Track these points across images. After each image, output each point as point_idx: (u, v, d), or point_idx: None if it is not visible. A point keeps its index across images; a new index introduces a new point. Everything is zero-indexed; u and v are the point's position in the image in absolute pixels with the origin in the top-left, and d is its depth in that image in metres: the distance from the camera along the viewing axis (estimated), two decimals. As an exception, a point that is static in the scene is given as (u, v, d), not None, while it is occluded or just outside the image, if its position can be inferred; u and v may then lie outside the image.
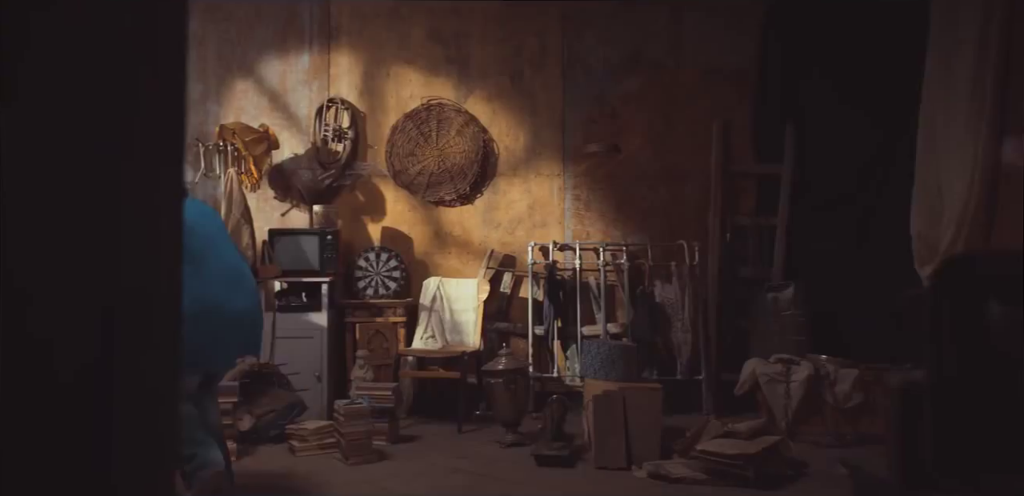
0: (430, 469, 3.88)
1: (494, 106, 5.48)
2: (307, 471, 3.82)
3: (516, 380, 4.37)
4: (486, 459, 4.06)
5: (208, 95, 5.45)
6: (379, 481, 3.65)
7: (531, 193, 5.47)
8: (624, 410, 4.03)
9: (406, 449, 4.29)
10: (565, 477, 3.76)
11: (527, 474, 3.79)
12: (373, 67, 5.50)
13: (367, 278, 5.28)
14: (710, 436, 3.87)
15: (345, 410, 4.05)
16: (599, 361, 4.36)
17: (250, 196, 5.32)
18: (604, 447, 3.96)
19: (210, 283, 3.15)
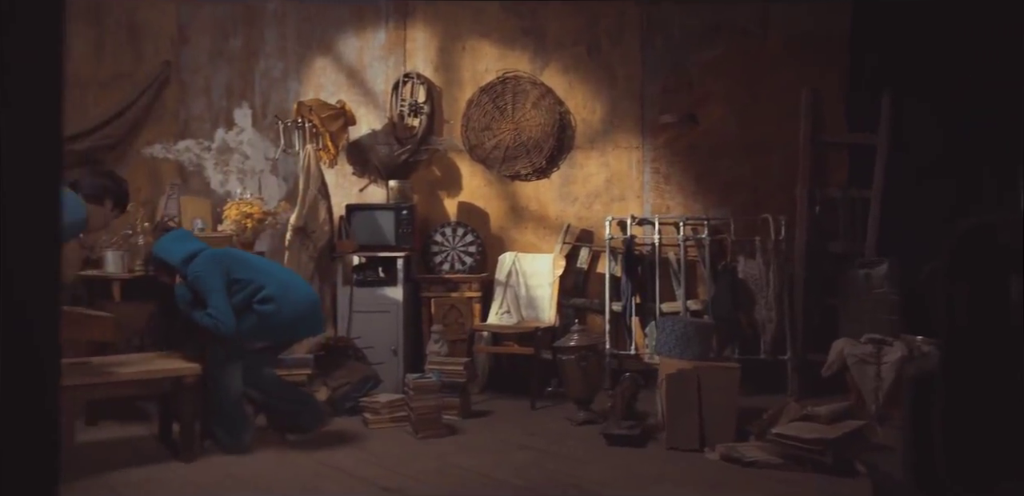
0: (498, 445, 3.87)
1: (570, 78, 5.35)
2: (376, 444, 3.86)
3: (588, 357, 4.30)
4: (555, 436, 4.02)
5: (288, 73, 5.53)
6: (446, 455, 3.66)
7: (609, 166, 5.34)
8: (698, 390, 3.90)
9: (477, 424, 4.29)
10: (634, 457, 3.68)
11: (595, 453, 3.73)
12: (448, 41, 5.45)
13: (443, 253, 5.29)
14: (788, 419, 3.70)
15: (415, 384, 4.07)
16: (674, 339, 4.23)
17: (329, 172, 5.38)
18: (676, 427, 3.85)
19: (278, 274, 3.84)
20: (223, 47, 5.54)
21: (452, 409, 4.38)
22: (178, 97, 5.55)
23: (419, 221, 5.38)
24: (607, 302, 5.15)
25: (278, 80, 5.53)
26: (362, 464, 3.53)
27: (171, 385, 3.47)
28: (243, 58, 5.54)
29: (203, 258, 3.72)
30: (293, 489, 3.18)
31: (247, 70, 5.54)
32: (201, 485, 3.22)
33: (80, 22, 5.56)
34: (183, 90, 5.55)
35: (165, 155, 5.54)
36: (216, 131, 5.54)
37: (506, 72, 5.35)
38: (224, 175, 5.52)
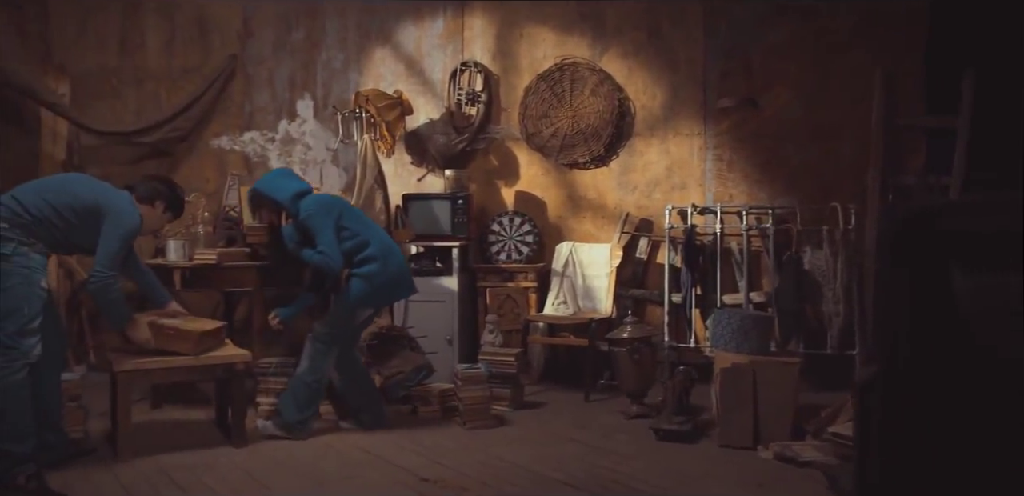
0: (545, 437, 3.82)
1: (630, 63, 5.22)
2: (423, 433, 3.87)
3: (640, 349, 4.20)
4: (605, 430, 3.95)
5: (349, 64, 5.58)
6: (490, 447, 3.64)
7: (669, 154, 5.19)
8: (754, 385, 3.76)
9: (527, 416, 4.25)
10: (683, 453, 3.57)
11: (643, 448, 3.64)
12: (506, 28, 5.39)
13: (500, 242, 5.25)
14: (847, 417, 3.53)
15: (463, 375, 4.06)
16: (730, 332, 4.08)
17: (388, 161, 5.42)
18: (729, 424, 3.72)
19: (380, 233, 3.96)
20: (286, 39, 5.63)
21: (503, 400, 4.35)
22: (243, 90, 5.67)
23: (476, 210, 5.37)
24: (666, 293, 5.02)
25: (339, 71, 5.59)
26: (405, 453, 3.54)
27: (223, 371, 3.55)
28: (305, 50, 5.62)
29: (316, 198, 3.87)
30: (333, 476, 3.22)
31: (309, 62, 5.62)
32: (247, 470, 3.29)
33: (154, 18, 5.74)
34: (248, 83, 5.67)
35: (231, 146, 5.68)
36: (279, 122, 5.64)
37: (564, 59, 5.25)
38: (287, 165, 5.62)
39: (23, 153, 5.61)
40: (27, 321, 3.00)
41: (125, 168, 5.75)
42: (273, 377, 4.04)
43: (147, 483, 3.12)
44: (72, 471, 3.22)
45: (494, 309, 5.08)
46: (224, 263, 4.26)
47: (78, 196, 3.23)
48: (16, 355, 2.96)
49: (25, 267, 3.04)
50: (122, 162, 5.74)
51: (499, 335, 4.85)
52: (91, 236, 3.23)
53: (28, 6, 5.73)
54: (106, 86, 5.78)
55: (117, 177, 5.71)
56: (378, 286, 3.81)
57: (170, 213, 3.54)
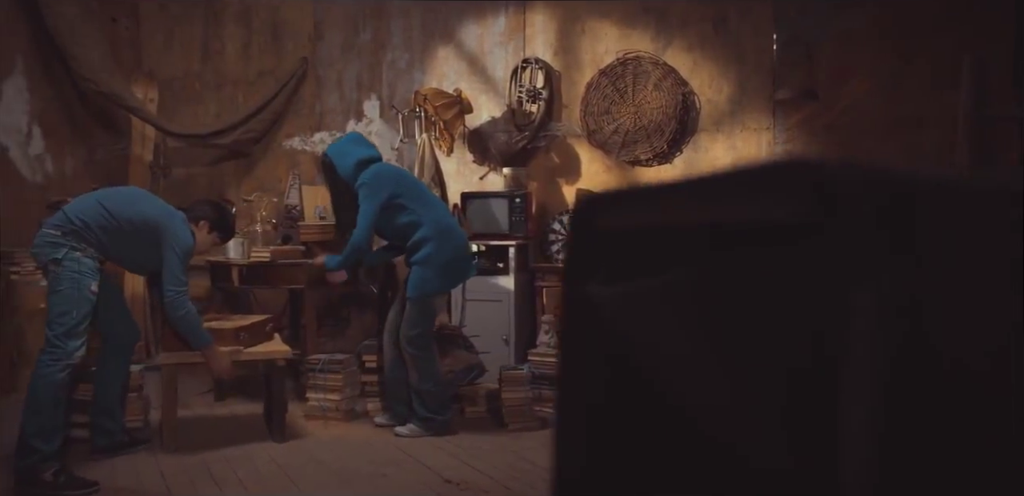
0: (585, 442, 3.72)
1: (695, 56, 5.03)
2: (463, 434, 3.85)
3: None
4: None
5: (413, 64, 5.62)
6: (525, 450, 3.58)
7: (736, 150, 4.97)
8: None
9: (574, 419, 4.15)
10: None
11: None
12: (567, 24, 5.29)
13: (560, 241, 5.17)
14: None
15: (504, 375, 4.02)
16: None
17: (450, 160, 5.43)
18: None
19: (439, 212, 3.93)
20: (354, 41, 5.73)
21: (551, 402, 4.28)
22: (314, 92, 5.81)
23: (538, 208, 5.31)
24: (730, 295, 4.81)
25: (404, 71, 5.64)
26: (439, 453, 3.52)
27: (265, 367, 3.64)
28: (372, 51, 5.70)
29: (376, 169, 3.82)
30: (362, 473, 3.24)
31: (376, 63, 5.70)
32: (281, 465, 3.35)
33: (232, 25, 5.97)
34: (318, 84, 5.81)
35: (303, 147, 5.83)
36: (348, 123, 5.75)
37: (626, 53, 5.11)
38: (354, 165, 5.72)
39: (115, 155, 5.95)
40: (75, 324, 3.11)
41: (206, 169, 6.02)
42: (322, 374, 4.11)
43: (185, 475, 3.23)
44: (120, 460, 3.37)
45: (551, 309, 5.00)
46: (278, 261, 4.37)
47: (143, 211, 3.37)
48: (60, 355, 3.07)
49: (76, 272, 3.15)
50: (203, 163, 6.01)
51: (555, 336, 4.77)
52: (140, 249, 3.37)
53: (121, 18, 6.07)
54: (190, 91, 6.06)
55: (200, 177, 6.01)
56: (437, 269, 3.78)
57: (215, 234, 3.60)
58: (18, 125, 5.29)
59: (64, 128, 5.62)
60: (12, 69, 5.25)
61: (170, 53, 6.09)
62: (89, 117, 5.77)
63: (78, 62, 5.27)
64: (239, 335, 3.51)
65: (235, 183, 5.93)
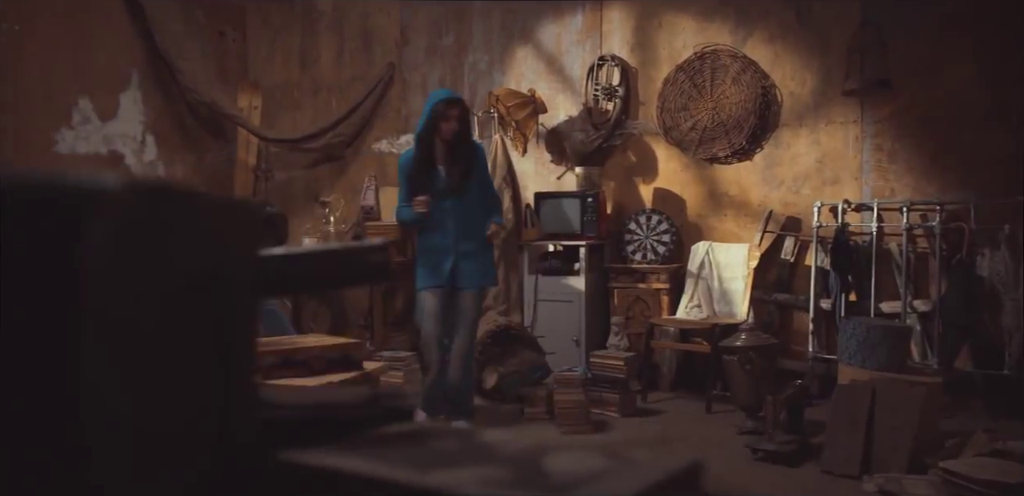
0: (633, 447, 3.64)
1: (776, 47, 4.79)
2: (513, 434, 3.84)
3: (752, 359, 3.86)
4: (705, 445, 3.68)
5: (493, 64, 5.66)
6: (568, 453, 3.53)
7: (820, 145, 4.70)
8: (871, 406, 3.32)
9: (632, 424, 4.08)
10: (775, 477, 3.24)
11: (733, 467, 3.35)
12: (644, 19, 5.18)
13: (636, 242, 5.07)
14: (974, 451, 3.00)
15: (557, 377, 3.99)
16: (855, 344, 3.64)
17: (528, 159, 5.44)
18: (836, 448, 3.32)
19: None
20: (437, 45, 5.84)
21: (611, 406, 4.22)
22: (400, 95, 5.97)
23: (615, 208, 5.23)
24: (812, 299, 4.56)
25: (484, 72, 5.69)
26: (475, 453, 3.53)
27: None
28: (454, 53, 5.79)
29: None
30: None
31: (458, 65, 5.79)
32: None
33: (327, 33, 6.23)
34: (404, 88, 5.96)
35: (390, 149, 6.00)
36: (431, 125, 5.86)
37: (704, 47, 4.94)
38: (438, 166, 5.84)
39: (222, 159, 6.35)
40: None
41: (303, 172, 6.31)
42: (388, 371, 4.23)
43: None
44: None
45: (622, 310, 4.91)
46: (346, 260, 4.52)
47: None
48: None
49: None
50: (301, 166, 6.31)
51: (624, 338, 4.69)
52: None
53: (229, 31, 6.47)
54: (289, 97, 6.38)
55: (298, 180, 6.31)
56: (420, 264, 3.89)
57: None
58: (133, 134, 5.75)
59: (175, 136, 6.05)
60: (128, 83, 5.71)
61: (272, 62, 6.43)
62: (198, 125, 6.19)
63: (183, 74, 5.67)
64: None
65: (329, 185, 6.18)
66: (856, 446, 3.26)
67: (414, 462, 0.55)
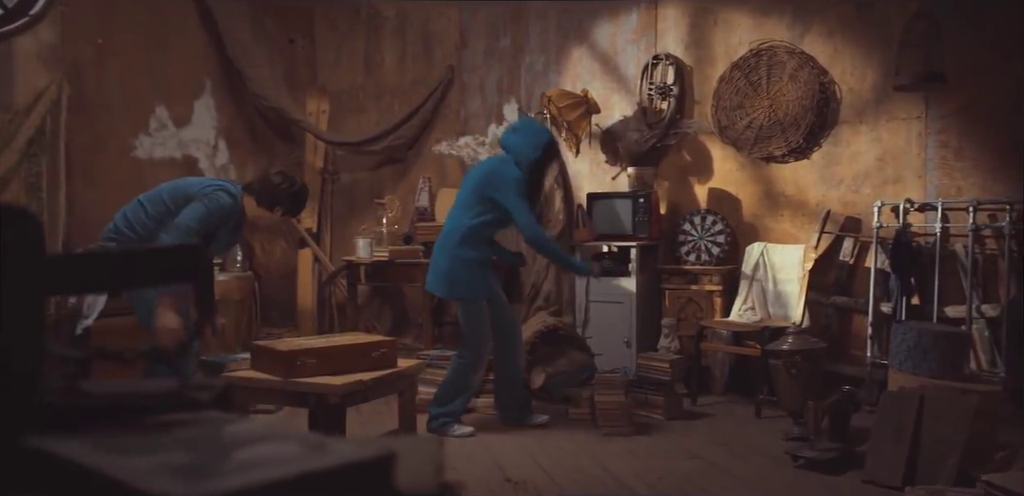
0: (672, 451, 3.60)
1: (835, 42, 4.64)
2: (554, 434, 3.86)
3: (798, 363, 3.75)
4: (746, 450, 3.61)
5: (549, 65, 5.68)
6: (602, 455, 3.53)
7: (881, 142, 4.53)
8: (919, 414, 3.19)
9: (676, 427, 4.03)
10: (815, 485, 3.15)
11: (771, 475, 3.28)
12: (699, 16, 5.09)
13: (690, 243, 5.00)
14: (1022, 464, 2.85)
15: (599, 379, 3.98)
16: (906, 349, 3.50)
17: (583, 160, 5.44)
18: (879, 457, 3.20)
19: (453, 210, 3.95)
20: (495, 47, 5.90)
21: (656, 408, 4.18)
22: (459, 97, 6.06)
23: (668, 209, 5.17)
24: (871, 302, 4.40)
25: (540, 73, 5.71)
26: (515, 451, 3.57)
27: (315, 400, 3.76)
28: (511, 55, 5.84)
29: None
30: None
31: (515, 66, 5.83)
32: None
33: (390, 38, 6.37)
34: (463, 90, 6.04)
35: (449, 151, 6.10)
36: (489, 126, 5.93)
37: (760, 43, 4.83)
38: (495, 168, 5.89)
39: (291, 162, 6.57)
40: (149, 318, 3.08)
41: (368, 173, 6.48)
42: (429, 368, 4.31)
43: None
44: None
45: (673, 312, 4.85)
46: (396, 260, 4.63)
47: (181, 187, 3.30)
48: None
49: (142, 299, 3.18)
50: (365, 168, 6.47)
51: (675, 340, 4.63)
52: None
53: (298, 39, 6.69)
54: (355, 101, 6.55)
55: (362, 181, 6.47)
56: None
57: (280, 209, 3.37)
58: (207, 139, 6.02)
59: (246, 140, 6.31)
60: (202, 91, 5.99)
61: (339, 67, 6.62)
62: (268, 130, 6.43)
63: (252, 81, 5.90)
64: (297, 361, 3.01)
65: (392, 186, 6.32)
66: (900, 456, 3.14)
67: (120, 447, 0.59)
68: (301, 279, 6.33)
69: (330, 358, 3.11)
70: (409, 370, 3.34)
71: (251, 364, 3.25)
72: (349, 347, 3.20)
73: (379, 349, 3.25)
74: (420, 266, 4.66)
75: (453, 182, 5.98)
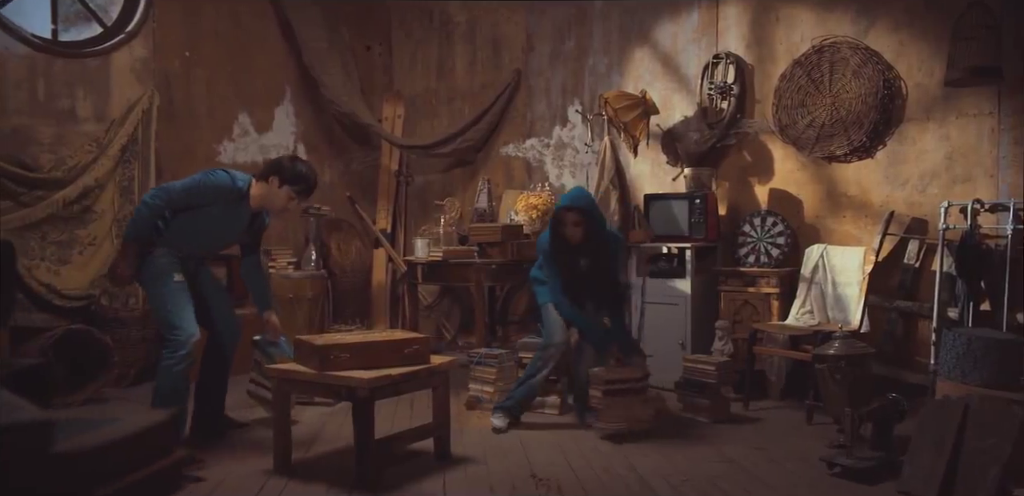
0: (704, 454, 3.57)
1: (901, 36, 4.46)
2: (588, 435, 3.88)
3: (843, 369, 3.64)
4: (783, 456, 3.53)
5: (612, 67, 5.68)
6: (634, 456, 3.53)
7: (950, 140, 4.32)
8: (962, 424, 3.05)
9: (718, 430, 3.97)
10: (843, 494, 3.06)
11: (802, 481, 3.20)
12: (761, 13, 4.99)
13: (749, 244, 4.91)
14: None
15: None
16: (955, 357, 3.35)
17: (643, 161, 5.42)
18: (916, 468, 3.08)
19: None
20: (560, 50, 5.95)
21: (703, 411, 4.13)
22: (525, 101, 6.14)
23: (729, 210, 5.10)
24: (935, 307, 4.20)
25: (603, 75, 5.73)
26: (551, 450, 3.60)
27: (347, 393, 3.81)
28: (576, 58, 5.87)
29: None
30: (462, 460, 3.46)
31: (579, 68, 5.86)
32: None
33: (461, 43, 6.53)
34: (529, 93, 6.12)
35: (516, 153, 6.19)
36: (553, 128, 5.99)
37: (823, 39, 4.69)
38: (559, 169, 5.95)
39: (369, 165, 6.84)
40: (173, 315, 3.34)
41: (439, 175, 6.66)
42: (480, 366, 4.41)
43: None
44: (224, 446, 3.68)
45: (728, 315, 4.77)
46: (450, 260, 4.75)
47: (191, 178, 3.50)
48: (175, 346, 3.31)
49: (155, 272, 3.39)
50: (437, 171, 6.65)
51: (729, 343, 4.57)
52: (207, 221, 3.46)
53: (375, 46, 6.95)
54: (428, 106, 6.75)
55: (434, 183, 6.66)
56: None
57: (287, 188, 3.47)
58: (286, 144, 6.34)
59: (324, 145, 6.60)
60: (282, 98, 6.31)
61: (414, 73, 6.83)
62: (345, 134, 6.70)
63: (326, 88, 6.17)
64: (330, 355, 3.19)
65: (462, 187, 6.47)
66: (938, 467, 3.01)
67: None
68: (375, 278, 6.57)
69: (363, 353, 3.26)
70: (442, 367, 3.45)
71: (296, 357, 3.44)
72: (382, 343, 3.34)
73: (412, 346, 3.37)
74: (473, 266, 4.76)
75: (518, 184, 6.08)
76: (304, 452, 3.60)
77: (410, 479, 3.23)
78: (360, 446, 3.13)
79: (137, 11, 5.44)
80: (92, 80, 5.19)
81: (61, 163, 4.97)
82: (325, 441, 3.78)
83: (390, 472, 3.31)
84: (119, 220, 5.19)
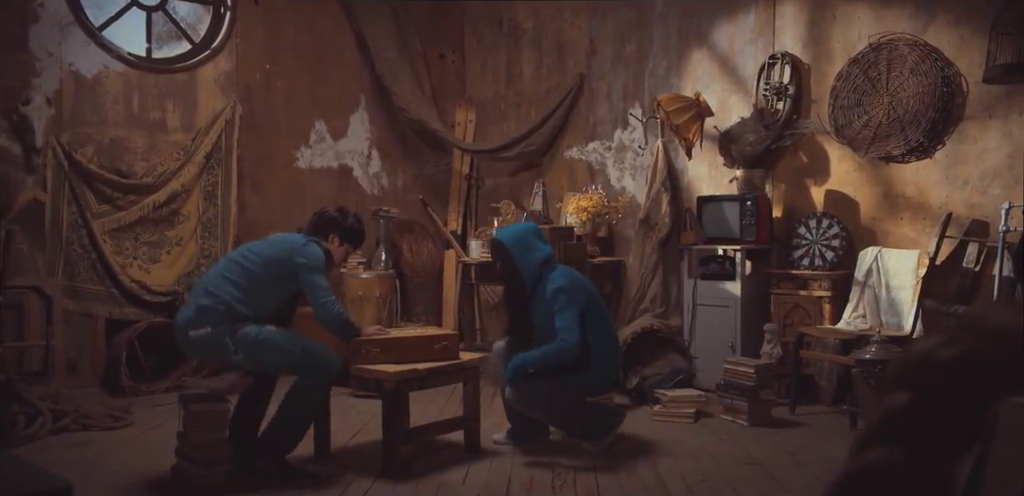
0: (733, 456, 3.57)
1: (962, 31, 4.30)
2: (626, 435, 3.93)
3: (877, 374, 3.56)
4: (812, 459, 3.50)
5: (671, 69, 5.69)
6: (664, 456, 3.58)
7: (1012, 138, 4.14)
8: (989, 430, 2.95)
9: (755, 433, 3.95)
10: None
11: (822, 486, 3.17)
12: (817, 12, 4.90)
13: (804, 247, 4.83)
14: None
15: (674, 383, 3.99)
16: (992, 365, 3.23)
17: (700, 163, 5.41)
18: (940, 476, 2.99)
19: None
20: (621, 53, 6.00)
21: (742, 413, 4.12)
22: (588, 104, 6.22)
23: (784, 212, 5.03)
24: (993, 312, 4.03)
25: (662, 78, 5.74)
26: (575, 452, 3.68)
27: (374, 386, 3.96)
28: (636, 61, 5.91)
29: (570, 273, 3.68)
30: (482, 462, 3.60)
31: (639, 71, 5.89)
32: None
33: (528, 49, 6.68)
34: (592, 97, 6.20)
35: (579, 156, 6.28)
36: (615, 131, 6.05)
37: (880, 36, 4.57)
38: (620, 172, 6.00)
39: (439, 170, 7.08)
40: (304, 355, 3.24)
41: (508, 179, 6.82)
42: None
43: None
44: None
45: (778, 318, 4.71)
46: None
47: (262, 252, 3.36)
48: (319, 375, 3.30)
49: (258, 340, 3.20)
50: (505, 174, 6.82)
51: (777, 346, 4.52)
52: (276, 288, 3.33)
53: (448, 54, 7.18)
54: (497, 111, 6.93)
55: (503, 186, 6.84)
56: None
57: (347, 245, 3.53)
58: (361, 150, 6.65)
59: (396, 150, 6.88)
60: (356, 106, 6.63)
61: (484, 79, 7.03)
62: (418, 140, 6.96)
63: (397, 95, 6.44)
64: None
65: (528, 191, 6.61)
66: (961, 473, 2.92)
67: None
68: (446, 278, 6.79)
69: (394, 348, 3.45)
70: (471, 362, 3.60)
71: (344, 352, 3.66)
72: (412, 339, 3.52)
73: (441, 342, 3.54)
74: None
75: (581, 186, 6.16)
76: (346, 440, 3.82)
77: (437, 468, 3.40)
78: (387, 435, 3.32)
79: (222, 28, 5.86)
80: (181, 93, 5.63)
81: (152, 170, 5.42)
82: (367, 432, 4.00)
83: (421, 461, 3.49)
84: (203, 222, 5.61)
